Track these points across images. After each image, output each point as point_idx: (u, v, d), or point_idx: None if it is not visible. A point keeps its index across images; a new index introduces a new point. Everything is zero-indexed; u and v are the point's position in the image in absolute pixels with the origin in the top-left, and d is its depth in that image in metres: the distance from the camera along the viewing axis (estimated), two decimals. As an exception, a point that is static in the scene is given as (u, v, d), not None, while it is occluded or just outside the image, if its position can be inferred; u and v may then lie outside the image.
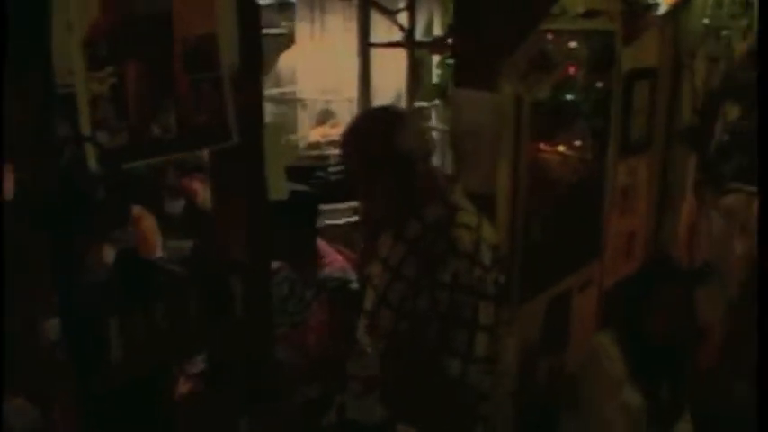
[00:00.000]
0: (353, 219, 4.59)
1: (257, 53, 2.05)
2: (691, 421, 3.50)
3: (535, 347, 3.57)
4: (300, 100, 5.49)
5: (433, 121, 5.81)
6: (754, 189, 4.20)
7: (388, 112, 2.55)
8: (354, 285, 3.35)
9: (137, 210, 3.57)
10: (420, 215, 2.39)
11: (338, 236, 4.06)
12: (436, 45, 5.02)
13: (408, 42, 4.28)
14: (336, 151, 5.25)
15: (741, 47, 4.13)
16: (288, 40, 5.40)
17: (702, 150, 4.26)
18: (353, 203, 4.51)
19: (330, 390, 2.29)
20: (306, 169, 4.88)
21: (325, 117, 5.48)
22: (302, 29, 5.50)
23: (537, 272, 3.41)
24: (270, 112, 5.19)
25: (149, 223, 3.76)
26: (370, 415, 2.17)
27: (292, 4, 5.51)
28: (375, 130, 2.40)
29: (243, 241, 2.10)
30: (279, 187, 2.26)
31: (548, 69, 2.91)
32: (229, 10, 1.90)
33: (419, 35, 5.18)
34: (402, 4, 5.15)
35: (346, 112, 5.16)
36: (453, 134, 3.10)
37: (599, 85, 3.72)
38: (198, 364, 2.43)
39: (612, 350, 3.29)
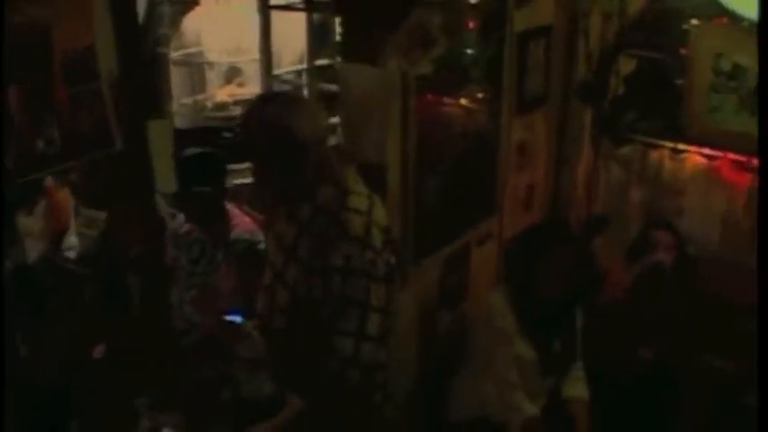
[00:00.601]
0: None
1: (136, 61, 2.09)
2: (583, 371, 3.73)
3: (434, 301, 3.73)
4: (207, 61, 5.48)
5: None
6: (648, 140, 4.40)
7: (283, 99, 2.59)
8: (262, 246, 3.44)
9: (49, 181, 3.58)
10: (312, 198, 2.46)
11: (248, 195, 4.11)
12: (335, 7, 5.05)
13: (307, 4, 4.29)
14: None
15: (636, 3, 4.25)
16: (192, 2, 5.36)
17: (598, 105, 4.40)
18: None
19: (224, 368, 2.40)
20: (214, 130, 4.91)
21: (231, 76, 5.48)
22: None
23: (434, 231, 3.54)
24: (177, 74, 5.17)
25: (62, 195, 3.76)
26: (260, 390, 2.30)
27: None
28: (269, 117, 2.44)
29: (138, 239, 2.18)
30: (167, 181, 2.33)
31: (428, 45, 2.99)
32: (106, 21, 1.93)
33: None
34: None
35: (253, 72, 5.17)
36: (343, 107, 3.17)
37: (493, 43, 3.80)
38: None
39: (504, 307, 3.46)
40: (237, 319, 2.59)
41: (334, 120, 3.55)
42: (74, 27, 1.87)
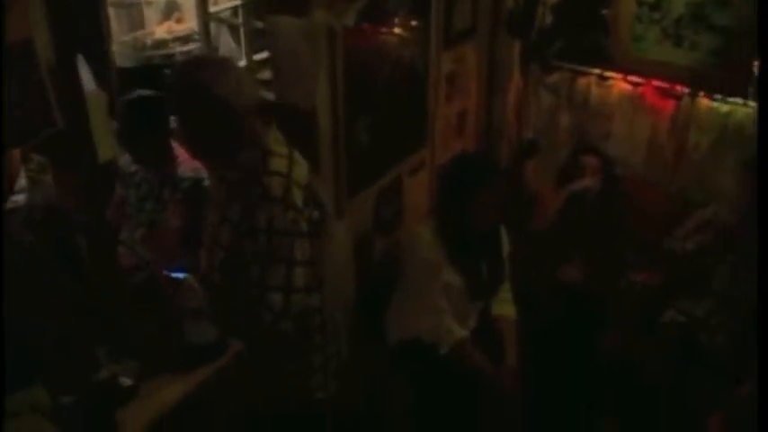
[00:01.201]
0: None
1: (71, 47, 2.21)
2: (510, 292, 3.97)
3: (369, 231, 3.93)
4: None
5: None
6: (576, 67, 4.54)
7: (215, 66, 2.61)
8: (206, 183, 3.56)
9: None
10: (237, 160, 2.59)
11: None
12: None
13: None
14: (184, 48, 5.33)
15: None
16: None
17: (526, 35, 4.53)
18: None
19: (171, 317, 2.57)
20: (155, 68, 4.93)
21: (169, 11, 5.47)
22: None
23: (366, 166, 3.70)
24: (115, 14, 5.15)
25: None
26: (205, 337, 2.49)
27: None
28: (200, 83, 2.49)
29: (81, 204, 2.32)
30: (106, 149, 2.45)
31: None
32: (40, 14, 2.04)
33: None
34: None
35: (191, 6, 5.17)
36: (273, 57, 3.28)
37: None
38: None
39: (432, 239, 3.66)
40: (181, 275, 2.74)
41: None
42: (12, 23, 1.97)
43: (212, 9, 4.99)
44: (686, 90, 4.23)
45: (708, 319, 3.92)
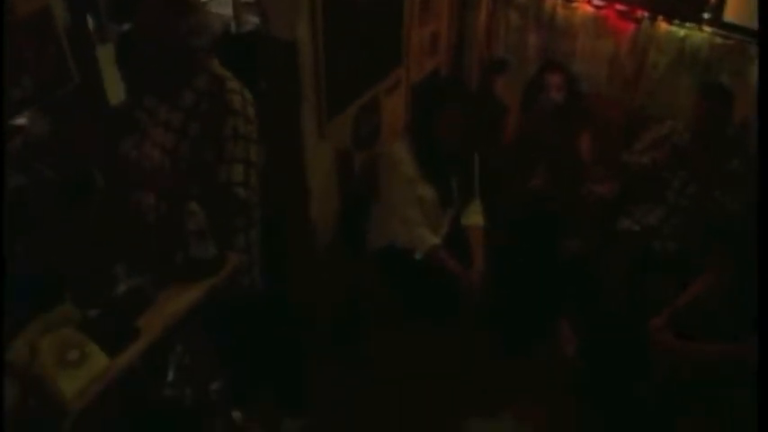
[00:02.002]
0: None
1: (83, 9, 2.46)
2: (480, 205, 4.28)
3: (349, 149, 4.19)
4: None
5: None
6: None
7: (181, 7, 2.87)
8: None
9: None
10: (191, 86, 2.96)
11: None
12: None
13: None
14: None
15: None
16: None
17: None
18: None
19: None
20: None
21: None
22: None
23: (345, 89, 3.94)
24: None
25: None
26: (206, 253, 2.81)
27: None
28: (166, 24, 2.81)
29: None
30: (115, 93, 2.75)
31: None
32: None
33: None
34: None
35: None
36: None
37: None
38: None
39: (406, 155, 3.95)
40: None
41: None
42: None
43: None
44: (646, 14, 4.46)
45: (661, 228, 4.27)
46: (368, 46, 4.03)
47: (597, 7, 4.59)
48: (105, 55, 2.68)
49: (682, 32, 4.40)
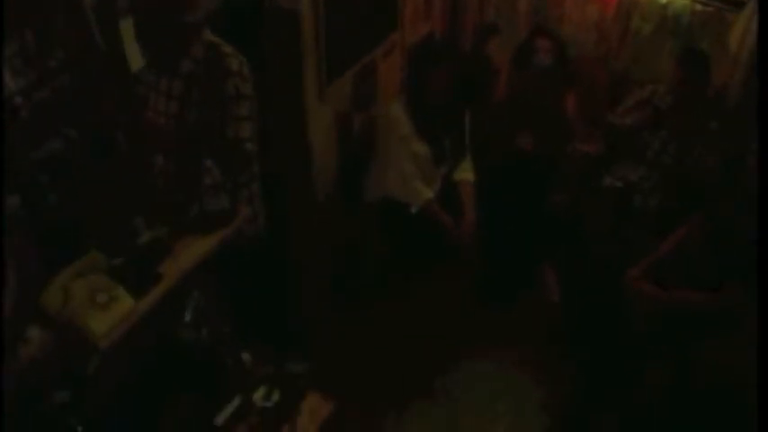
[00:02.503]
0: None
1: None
2: (470, 161, 4.55)
3: (348, 110, 4.44)
4: None
5: None
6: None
7: None
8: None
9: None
10: (188, 55, 3.22)
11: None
12: None
13: None
14: None
15: None
16: None
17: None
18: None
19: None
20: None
21: None
22: None
23: (343, 54, 4.17)
24: None
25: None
26: (219, 206, 3.10)
27: None
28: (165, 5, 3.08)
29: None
30: (135, 61, 3.01)
31: None
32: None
33: None
34: None
35: None
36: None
37: None
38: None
39: (402, 114, 4.23)
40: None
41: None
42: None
43: None
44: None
45: (642, 184, 4.53)
46: (365, 13, 4.24)
47: (584, -26, 4.78)
48: (126, 28, 2.95)
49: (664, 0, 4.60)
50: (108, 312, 2.69)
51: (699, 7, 4.52)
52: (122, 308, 2.71)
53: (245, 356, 3.43)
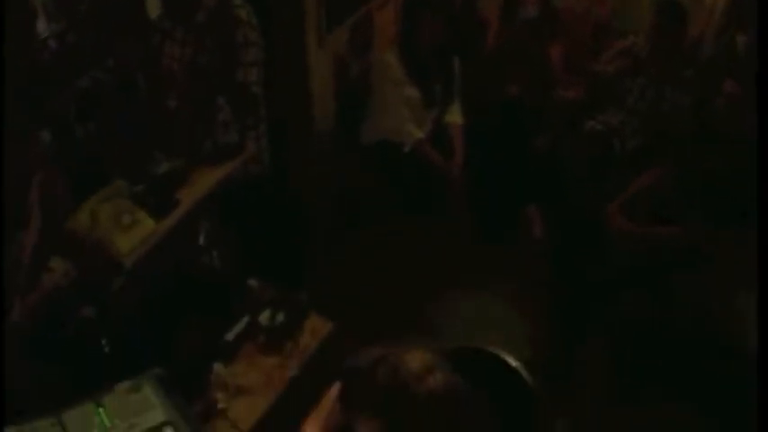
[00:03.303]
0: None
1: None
2: (459, 105, 4.84)
3: (345, 57, 4.74)
4: None
5: None
6: None
7: None
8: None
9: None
10: (202, 6, 3.51)
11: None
12: None
13: None
14: None
15: None
16: None
17: None
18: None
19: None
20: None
21: None
22: None
23: (341, 5, 4.46)
24: None
25: None
26: (229, 140, 3.42)
27: None
28: None
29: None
30: (153, 8, 3.32)
31: None
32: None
33: None
34: None
35: None
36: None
37: None
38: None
39: (396, 61, 4.53)
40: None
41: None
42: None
43: None
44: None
45: (621, 128, 4.81)
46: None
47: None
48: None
49: (645, -48, 4.82)
50: (132, 233, 3.02)
51: (678, -40, 4.72)
52: (145, 229, 3.05)
53: (252, 282, 3.71)
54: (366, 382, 2.07)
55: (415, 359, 2.07)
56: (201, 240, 3.45)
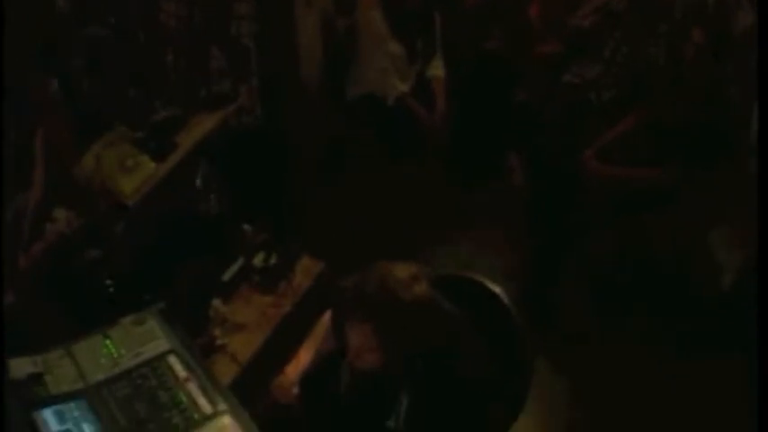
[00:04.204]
0: None
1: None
2: (441, 60, 5.03)
3: (332, 15, 4.92)
4: None
5: None
6: None
7: None
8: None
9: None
10: None
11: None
12: None
13: None
14: None
15: None
16: None
17: None
18: None
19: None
20: None
21: None
22: None
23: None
24: None
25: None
26: (223, 88, 3.61)
27: None
28: None
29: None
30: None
31: None
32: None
33: None
34: None
35: None
36: None
37: None
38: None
39: (379, 17, 4.73)
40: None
41: None
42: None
43: None
44: None
45: (597, 81, 4.93)
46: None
47: None
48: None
49: None
50: (134, 175, 3.24)
51: None
52: (146, 170, 3.26)
53: (246, 227, 3.87)
54: (357, 290, 2.31)
55: (402, 269, 2.33)
56: (198, 183, 3.64)
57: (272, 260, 3.73)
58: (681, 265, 4.43)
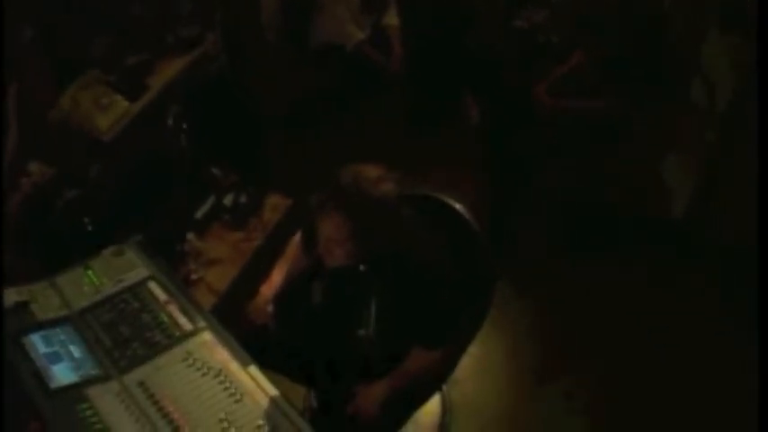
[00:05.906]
0: None
1: None
2: (394, 8, 5.21)
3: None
4: None
5: None
6: None
7: None
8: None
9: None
10: None
11: None
12: None
13: None
14: None
15: None
16: None
17: None
18: None
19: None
20: None
21: None
22: None
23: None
24: None
25: None
26: (191, 32, 3.79)
27: None
28: None
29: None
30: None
31: None
32: None
33: None
34: None
35: None
36: None
37: None
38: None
39: None
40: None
41: None
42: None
43: None
44: None
45: (544, 25, 5.17)
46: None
47: None
48: None
49: None
50: (109, 112, 3.44)
51: None
52: (120, 109, 3.45)
53: (216, 171, 4.04)
54: (331, 186, 2.53)
55: (372, 170, 2.56)
56: (170, 122, 3.79)
57: (242, 199, 3.90)
58: (635, 194, 4.63)
